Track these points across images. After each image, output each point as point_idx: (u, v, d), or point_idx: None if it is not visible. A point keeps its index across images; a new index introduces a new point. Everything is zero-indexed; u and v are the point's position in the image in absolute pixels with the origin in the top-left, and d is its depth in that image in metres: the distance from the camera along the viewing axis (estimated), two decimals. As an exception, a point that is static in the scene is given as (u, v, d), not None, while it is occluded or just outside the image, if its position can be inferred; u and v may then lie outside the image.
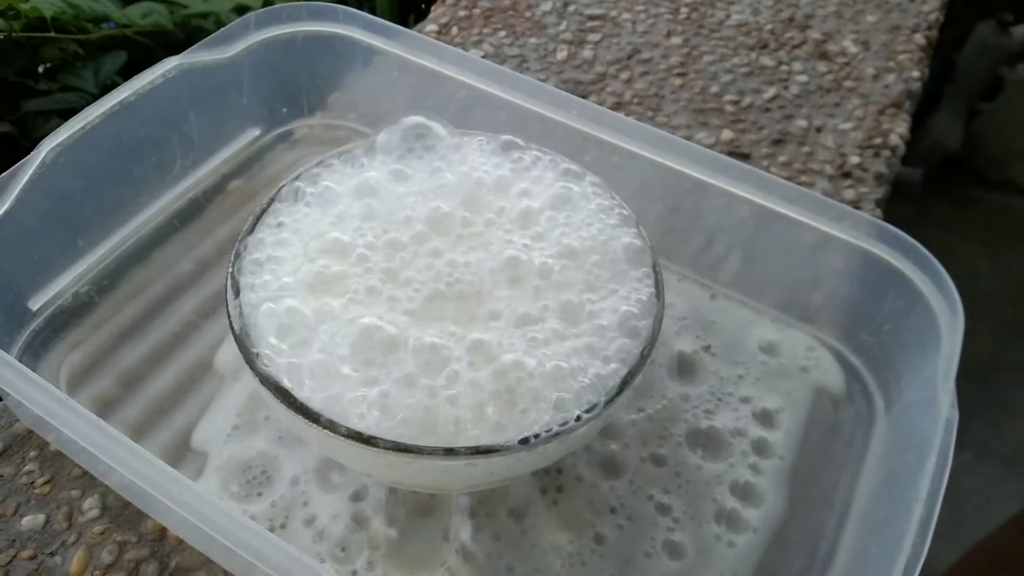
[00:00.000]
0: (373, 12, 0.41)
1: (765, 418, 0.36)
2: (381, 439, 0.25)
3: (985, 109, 1.51)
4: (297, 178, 0.33)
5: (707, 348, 0.38)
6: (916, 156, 1.50)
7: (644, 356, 0.28)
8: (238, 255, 0.30)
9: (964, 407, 0.29)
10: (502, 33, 0.55)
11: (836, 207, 0.36)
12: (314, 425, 0.26)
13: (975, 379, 1.24)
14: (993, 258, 1.43)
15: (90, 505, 0.33)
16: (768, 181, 0.37)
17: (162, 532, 0.32)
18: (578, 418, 0.26)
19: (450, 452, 0.25)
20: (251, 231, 0.31)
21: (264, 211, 0.31)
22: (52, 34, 0.70)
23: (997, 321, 1.34)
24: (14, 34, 0.66)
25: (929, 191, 1.50)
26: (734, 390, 0.37)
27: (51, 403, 0.27)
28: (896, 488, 0.30)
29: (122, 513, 0.33)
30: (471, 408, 0.26)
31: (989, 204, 1.51)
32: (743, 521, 0.33)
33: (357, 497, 0.33)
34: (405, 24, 0.54)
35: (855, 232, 0.35)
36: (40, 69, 0.74)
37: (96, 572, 0.31)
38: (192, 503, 0.25)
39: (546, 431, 0.26)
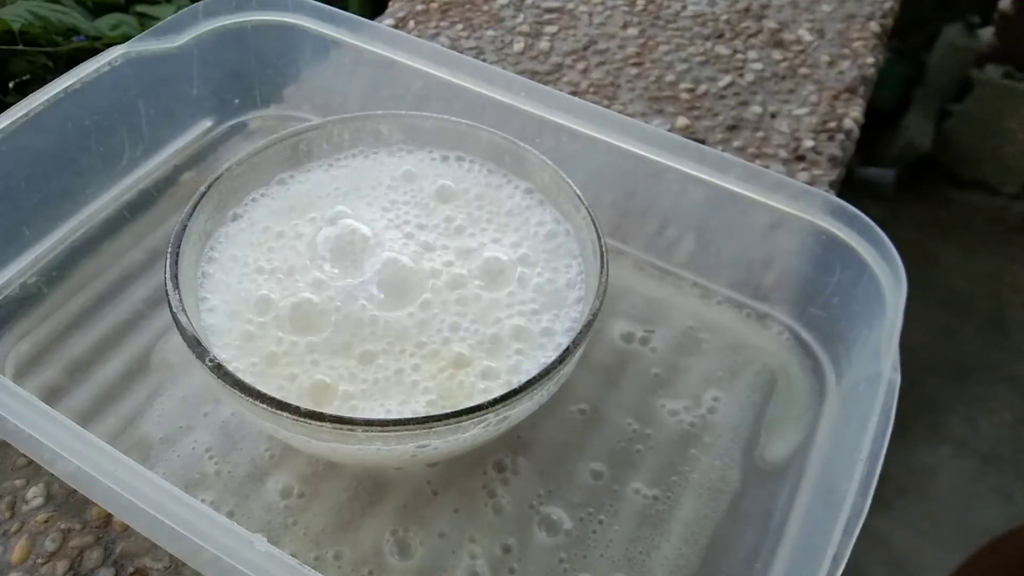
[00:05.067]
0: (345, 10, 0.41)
1: (716, 397, 0.36)
2: (291, 405, 0.25)
3: (956, 110, 1.52)
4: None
5: (652, 332, 0.38)
6: (889, 157, 1.52)
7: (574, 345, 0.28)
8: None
9: (942, 404, 0.29)
10: (459, 26, 0.55)
11: (784, 182, 0.36)
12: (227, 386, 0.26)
13: (952, 376, 1.24)
14: (967, 256, 1.44)
15: (34, 494, 0.33)
16: (723, 161, 0.37)
17: (107, 519, 0.32)
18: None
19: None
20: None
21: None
22: (21, 47, 0.70)
23: (972, 319, 1.35)
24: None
25: (902, 192, 1.52)
26: (685, 370, 0.37)
27: (-4, 391, 0.27)
28: (841, 454, 0.30)
29: (67, 501, 0.33)
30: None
31: (962, 203, 1.53)
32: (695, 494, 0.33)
33: (304, 481, 0.33)
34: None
35: (804, 207, 0.35)
36: (11, 84, 0.73)
37: (39, 560, 0.31)
38: (139, 487, 0.25)
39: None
